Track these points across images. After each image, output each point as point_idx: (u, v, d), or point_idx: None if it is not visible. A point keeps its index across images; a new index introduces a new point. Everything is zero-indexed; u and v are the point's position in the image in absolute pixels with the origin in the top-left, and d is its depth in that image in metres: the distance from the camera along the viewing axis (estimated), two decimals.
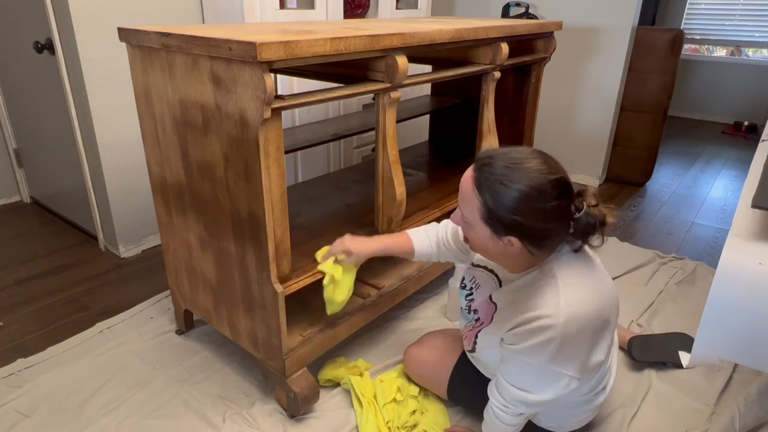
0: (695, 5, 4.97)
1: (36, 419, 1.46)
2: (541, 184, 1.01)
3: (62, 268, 2.24)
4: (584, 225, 1.05)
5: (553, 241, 1.09)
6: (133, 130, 2.22)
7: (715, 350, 0.81)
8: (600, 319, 1.08)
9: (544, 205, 1.01)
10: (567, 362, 1.07)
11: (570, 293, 1.06)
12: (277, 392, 1.51)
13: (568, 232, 1.07)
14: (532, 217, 1.02)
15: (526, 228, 1.03)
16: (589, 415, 1.32)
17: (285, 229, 1.29)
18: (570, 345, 1.05)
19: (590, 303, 1.07)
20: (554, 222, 1.04)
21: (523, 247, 1.06)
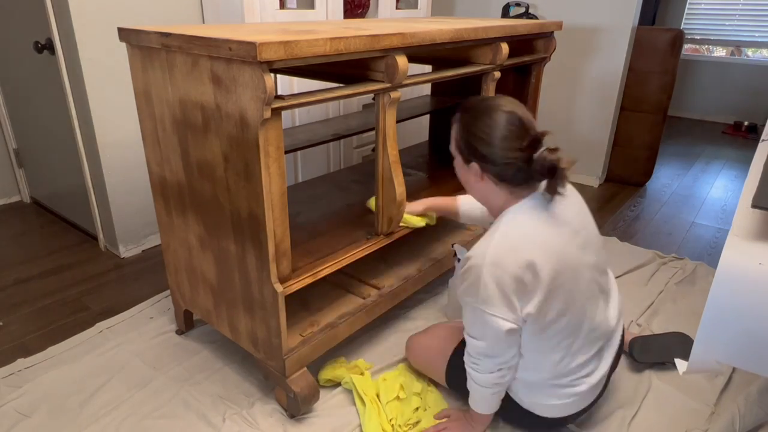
0: (695, 5, 4.97)
1: (36, 419, 1.46)
2: (497, 116, 1.15)
3: (62, 268, 2.24)
4: (539, 166, 1.14)
5: (512, 174, 1.17)
6: (133, 130, 2.22)
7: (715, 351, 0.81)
8: (526, 268, 1.13)
9: (497, 131, 1.15)
10: (492, 303, 1.15)
11: (500, 241, 1.16)
12: (277, 392, 1.51)
13: (527, 171, 1.16)
14: (486, 142, 1.16)
15: (482, 151, 1.17)
16: (570, 402, 1.29)
17: (285, 229, 1.29)
18: (492, 286, 1.14)
19: (516, 252, 1.14)
20: (507, 150, 1.15)
21: (491, 180, 1.20)
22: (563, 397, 1.29)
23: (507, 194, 1.22)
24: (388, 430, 1.41)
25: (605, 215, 2.89)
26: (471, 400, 1.35)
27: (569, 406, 1.31)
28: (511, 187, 1.20)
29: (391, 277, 1.77)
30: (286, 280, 1.34)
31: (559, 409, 1.31)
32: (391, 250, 1.92)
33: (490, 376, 1.26)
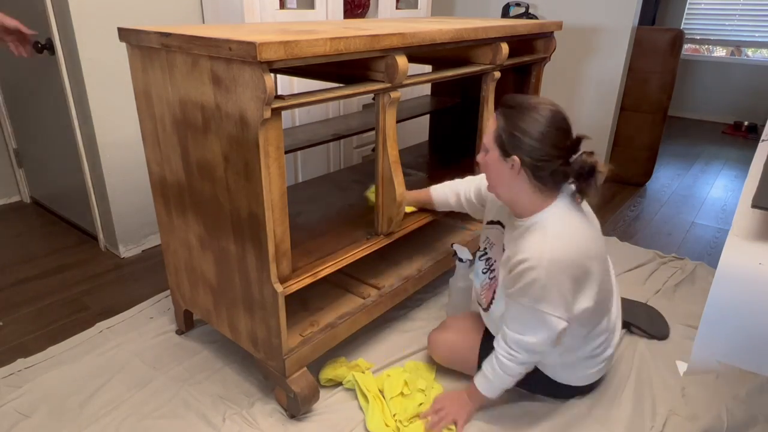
0: (695, 5, 4.97)
1: (36, 419, 1.46)
2: (544, 113, 1.17)
3: (62, 268, 2.24)
4: (578, 167, 1.18)
5: (549, 173, 1.19)
6: (133, 130, 2.22)
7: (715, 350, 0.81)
8: (581, 267, 1.20)
9: (543, 128, 1.16)
10: (551, 303, 1.19)
11: (554, 241, 1.19)
12: (277, 392, 1.51)
13: (565, 171, 1.19)
14: (531, 137, 1.17)
15: (525, 146, 1.17)
16: (602, 367, 1.44)
17: (285, 229, 1.29)
18: (552, 287, 1.17)
19: (571, 252, 1.19)
20: (550, 147, 1.17)
21: (526, 177, 1.20)
22: (595, 365, 1.41)
23: (537, 194, 1.23)
24: (392, 425, 1.42)
25: (605, 215, 2.89)
26: (483, 383, 1.38)
27: (600, 371, 1.45)
28: (541, 186, 1.22)
29: (391, 277, 1.77)
30: (286, 280, 1.34)
31: (593, 376, 1.44)
32: (391, 250, 1.92)
33: (522, 367, 1.32)
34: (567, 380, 1.44)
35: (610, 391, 1.57)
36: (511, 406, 1.51)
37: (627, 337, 1.82)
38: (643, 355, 1.73)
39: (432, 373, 1.62)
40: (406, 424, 1.42)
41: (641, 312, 1.88)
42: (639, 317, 1.84)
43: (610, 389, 1.58)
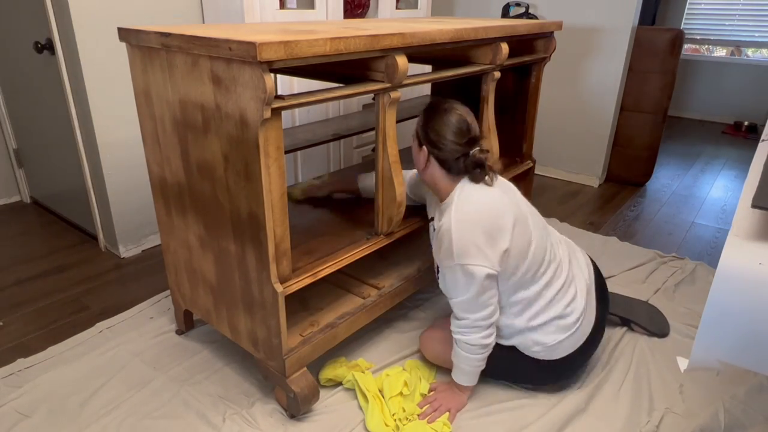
0: (695, 5, 4.97)
1: (36, 419, 1.46)
2: (449, 116, 1.41)
3: (62, 268, 2.24)
4: (471, 160, 1.41)
5: (452, 161, 1.41)
6: (133, 130, 2.22)
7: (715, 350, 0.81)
8: (489, 220, 1.37)
9: (445, 128, 1.41)
10: (469, 254, 1.34)
11: (461, 206, 1.39)
12: (277, 392, 1.51)
13: (464, 162, 1.40)
14: (436, 133, 1.41)
15: (431, 139, 1.42)
16: (573, 333, 1.46)
17: (285, 229, 1.29)
18: (466, 241, 1.34)
19: (478, 209, 1.38)
20: (449, 143, 1.40)
21: (436, 164, 1.43)
22: (565, 329, 1.45)
23: (447, 179, 1.45)
24: (391, 424, 1.42)
25: (605, 215, 2.89)
26: (456, 373, 1.50)
27: (575, 340, 1.47)
28: (451, 174, 1.44)
29: (391, 277, 1.77)
30: (286, 280, 1.34)
31: (567, 345, 1.47)
32: (391, 250, 1.92)
33: (477, 336, 1.41)
34: (544, 353, 1.47)
35: (608, 387, 1.58)
36: (510, 402, 1.52)
37: (627, 334, 1.82)
38: (642, 353, 1.73)
39: (432, 373, 1.63)
40: (405, 424, 1.42)
41: (641, 310, 1.88)
42: (639, 315, 1.85)
43: (608, 385, 1.58)
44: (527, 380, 1.59)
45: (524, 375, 1.56)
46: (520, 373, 1.56)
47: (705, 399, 1.56)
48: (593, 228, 2.71)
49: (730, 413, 1.49)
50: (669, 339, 1.81)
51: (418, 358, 1.70)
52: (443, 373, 1.63)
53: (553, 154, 3.41)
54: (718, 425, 1.45)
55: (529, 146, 2.32)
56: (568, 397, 1.53)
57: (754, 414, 1.49)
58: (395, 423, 1.42)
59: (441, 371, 1.63)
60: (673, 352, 1.74)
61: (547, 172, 3.48)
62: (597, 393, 1.55)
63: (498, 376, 1.59)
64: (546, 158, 3.44)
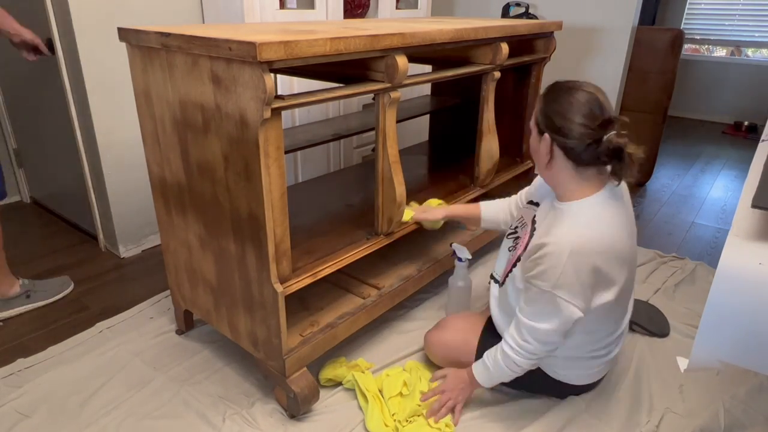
0: (695, 5, 4.97)
1: (36, 419, 1.46)
2: (577, 96, 1.20)
3: (62, 268, 2.24)
4: (605, 147, 1.17)
5: (581, 149, 1.19)
6: (133, 130, 2.22)
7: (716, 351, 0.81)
8: (605, 263, 1.19)
9: (572, 109, 1.19)
10: (570, 290, 1.19)
11: (584, 230, 1.20)
12: (277, 392, 1.51)
13: (596, 151, 1.18)
14: (561, 116, 1.20)
15: (555, 125, 1.21)
16: (603, 368, 1.45)
17: (285, 229, 1.29)
18: (572, 275, 1.17)
19: (598, 245, 1.19)
20: (578, 126, 1.18)
21: (562, 156, 1.22)
22: (597, 365, 1.42)
23: (576, 178, 1.24)
24: (391, 425, 1.42)
25: None
26: (482, 372, 1.40)
27: (600, 372, 1.46)
28: (580, 168, 1.23)
29: (391, 277, 1.77)
30: (286, 280, 1.34)
31: (593, 376, 1.45)
32: (391, 250, 1.92)
33: (526, 361, 1.31)
34: (566, 378, 1.44)
35: (608, 387, 1.58)
36: (510, 403, 1.52)
37: (627, 334, 1.82)
38: (642, 353, 1.73)
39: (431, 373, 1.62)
40: (404, 425, 1.42)
41: (642, 309, 1.88)
42: (639, 315, 1.85)
43: (609, 385, 1.58)
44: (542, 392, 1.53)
45: (539, 388, 1.51)
46: (536, 385, 1.50)
47: (705, 399, 1.56)
48: None
49: (730, 413, 1.49)
50: (669, 339, 1.81)
51: (418, 359, 1.70)
52: None
53: None
54: (718, 425, 1.45)
55: (529, 146, 2.32)
56: (568, 398, 1.53)
57: (754, 414, 1.49)
58: (395, 424, 1.42)
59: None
60: (673, 353, 1.74)
61: None
62: (597, 393, 1.55)
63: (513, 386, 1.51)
64: None
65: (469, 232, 2.12)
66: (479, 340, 1.51)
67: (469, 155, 2.26)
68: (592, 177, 1.24)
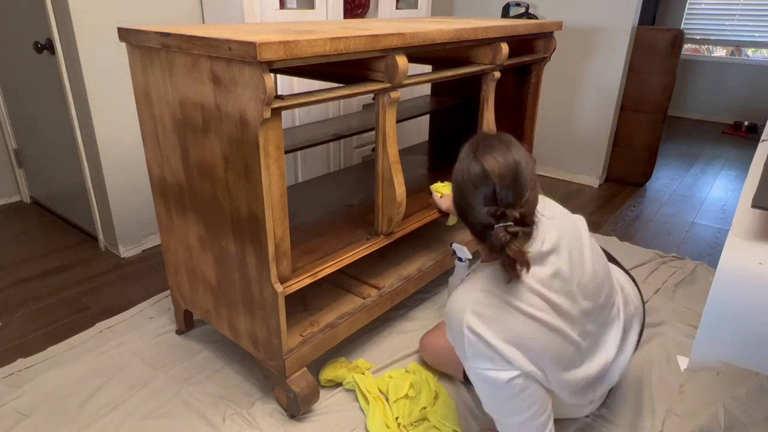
0: (695, 5, 4.97)
1: (36, 419, 1.46)
2: (473, 160, 1.07)
3: (62, 268, 2.24)
4: (494, 239, 1.03)
5: (475, 230, 1.09)
6: (133, 130, 2.22)
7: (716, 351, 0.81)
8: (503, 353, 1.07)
9: (468, 187, 1.06)
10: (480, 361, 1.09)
11: (475, 307, 1.09)
12: (277, 392, 1.51)
13: (485, 233, 1.05)
14: (460, 189, 1.09)
15: (455, 196, 1.11)
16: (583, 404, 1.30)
17: (285, 229, 1.29)
18: (474, 352, 1.08)
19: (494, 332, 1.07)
20: (470, 208, 1.06)
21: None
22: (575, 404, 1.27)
23: (481, 247, 1.15)
24: (393, 427, 1.41)
25: (605, 215, 2.89)
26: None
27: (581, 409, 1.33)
28: (480, 243, 1.12)
29: (391, 277, 1.77)
30: (286, 280, 1.34)
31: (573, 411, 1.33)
32: (391, 250, 1.92)
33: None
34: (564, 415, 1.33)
35: (611, 390, 1.57)
36: None
37: None
38: (642, 353, 1.73)
39: (435, 375, 1.62)
40: (410, 429, 1.42)
41: None
42: None
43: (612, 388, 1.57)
44: None
45: None
46: None
47: (705, 399, 1.56)
48: (593, 228, 2.70)
49: (730, 413, 1.49)
50: (669, 339, 1.81)
51: (418, 359, 1.70)
52: (446, 374, 1.63)
53: (553, 154, 3.41)
54: (718, 425, 1.45)
55: (529, 146, 2.32)
56: None
57: (754, 414, 1.49)
58: (398, 426, 1.42)
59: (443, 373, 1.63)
60: (673, 353, 1.74)
61: (547, 172, 3.48)
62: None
63: None
64: (546, 158, 3.44)
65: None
66: None
67: None
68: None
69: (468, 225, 1.11)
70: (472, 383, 1.17)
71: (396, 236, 1.65)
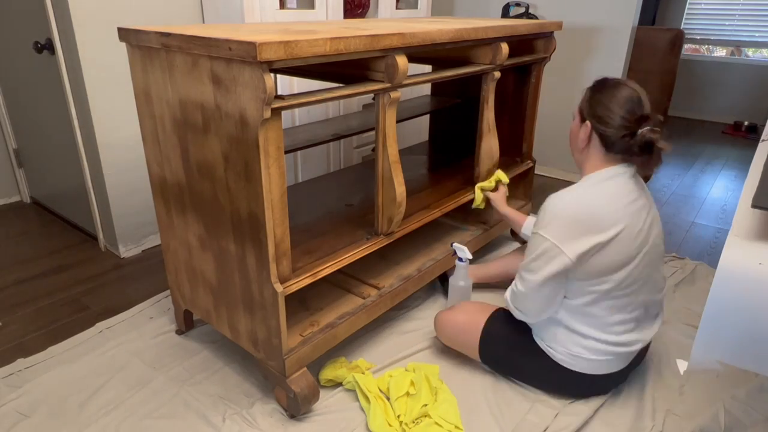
0: (695, 5, 4.97)
1: (36, 419, 1.46)
2: (621, 91, 1.33)
3: (62, 268, 2.24)
4: (640, 141, 1.29)
5: (616, 139, 1.32)
6: (133, 130, 2.22)
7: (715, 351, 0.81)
8: (597, 218, 1.30)
9: (615, 102, 1.32)
10: (553, 232, 1.33)
11: (584, 191, 1.34)
12: (277, 392, 1.51)
13: (629, 143, 1.30)
14: (604, 107, 1.33)
15: (597, 115, 1.34)
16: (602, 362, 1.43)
17: (285, 229, 1.29)
18: (562, 221, 1.32)
19: (593, 203, 1.32)
20: (618, 118, 1.31)
21: (597, 143, 1.36)
22: (593, 354, 1.42)
23: (604, 161, 1.37)
24: (396, 426, 1.41)
25: None
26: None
27: (598, 367, 1.44)
28: (609, 155, 1.36)
29: (391, 277, 1.77)
30: (286, 280, 1.34)
31: (591, 366, 1.44)
32: (391, 250, 1.92)
33: (512, 299, 1.46)
34: (564, 362, 1.44)
35: (612, 391, 1.57)
36: (517, 409, 1.51)
37: None
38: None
39: (435, 371, 1.62)
40: (411, 427, 1.42)
41: None
42: None
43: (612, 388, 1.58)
44: (541, 383, 1.55)
45: (539, 376, 1.53)
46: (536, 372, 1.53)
47: (705, 399, 1.55)
48: None
49: (730, 414, 1.48)
50: (669, 339, 1.81)
51: (418, 359, 1.70)
52: (446, 370, 1.63)
53: (553, 154, 3.41)
54: (718, 426, 1.45)
55: (529, 146, 2.32)
56: (574, 403, 1.52)
57: (754, 414, 1.49)
58: (401, 427, 1.42)
59: (444, 369, 1.63)
60: (673, 353, 1.74)
61: (547, 172, 3.48)
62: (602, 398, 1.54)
63: (513, 373, 1.58)
64: (546, 158, 3.44)
65: (469, 232, 2.12)
66: (486, 323, 1.55)
67: (469, 155, 2.26)
68: (617, 162, 1.36)
69: (604, 138, 1.34)
70: (529, 251, 1.40)
71: (396, 236, 1.65)
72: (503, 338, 1.54)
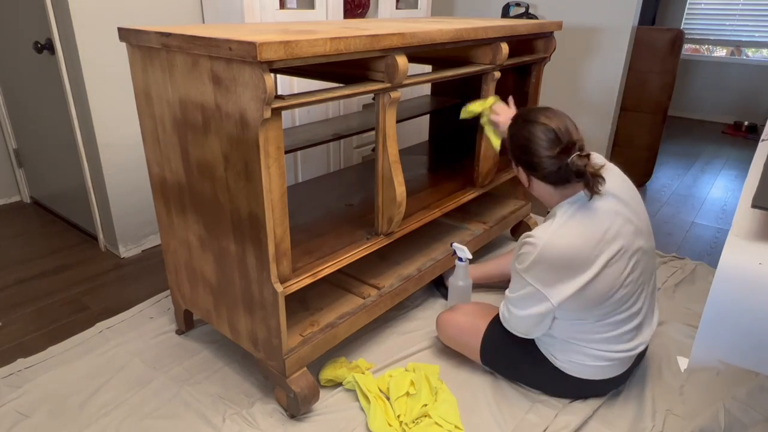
0: (695, 5, 4.97)
1: (36, 419, 1.46)
2: (533, 126, 1.32)
3: (62, 268, 2.24)
4: (572, 170, 1.28)
5: (549, 176, 1.32)
6: (133, 130, 2.22)
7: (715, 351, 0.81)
8: (577, 260, 1.29)
9: (533, 143, 1.31)
10: (535, 276, 1.32)
11: (558, 230, 1.31)
12: (277, 392, 1.51)
13: (564, 173, 1.29)
14: (524, 151, 1.34)
15: (523, 159, 1.36)
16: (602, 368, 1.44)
17: (285, 229, 1.29)
18: (543, 266, 1.31)
19: (571, 244, 1.29)
20: (541, 157, 1.30)
21: (539, 182, 1.36)
22: (593, 360, 1.42)
23: (557, 192, 1.36)
24: (396, 425, 1.41)
25: None
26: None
27: (598, 372, 1.45)
28: (558, 187, 1.35)
29: (391, 277, 1.77)
30: (286, 280, 1.34)
31: (592, 372, 1.44)
32: (391, 250, 1.92)
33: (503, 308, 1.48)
34: (565, 368, 1.44)
35: (612, 391, 1.57)
36: (517, 409, 1.51)
37: None
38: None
39: (436, 370, 1.62)
40: (411, 426, 1.42)
41: None
42: None
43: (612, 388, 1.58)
44: (542, 386, 1.55)
45: (541, 381, 1.53)
46: (538, 377, 1.53)
47: (705, 399, 1.56)
48: None
49: (730, 414, 1.49)
50: (669, 339, 1.81)
51: (418, 359, 1.70)
52: (446, 370, 1.63)
53: None
54: (718, 426, 1.45)
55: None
56: (574, 403, 1.52)
57: (754, 414, 1.49)
58: (401, 427, 1.42)
59: (444, 370, 1.63)
60: (673, 353, 1.74)
61: None
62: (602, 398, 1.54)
63: (514, 377, 1.59)
64: None
65: (469, 231, 2.12)
66: (487, 328, 1.56)
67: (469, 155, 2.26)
68: (570, 190, 1.35)
69: (541, 178, 1.34)
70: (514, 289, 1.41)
71: (396, 236, 1.65)
72: (504, 344, 1.54)
